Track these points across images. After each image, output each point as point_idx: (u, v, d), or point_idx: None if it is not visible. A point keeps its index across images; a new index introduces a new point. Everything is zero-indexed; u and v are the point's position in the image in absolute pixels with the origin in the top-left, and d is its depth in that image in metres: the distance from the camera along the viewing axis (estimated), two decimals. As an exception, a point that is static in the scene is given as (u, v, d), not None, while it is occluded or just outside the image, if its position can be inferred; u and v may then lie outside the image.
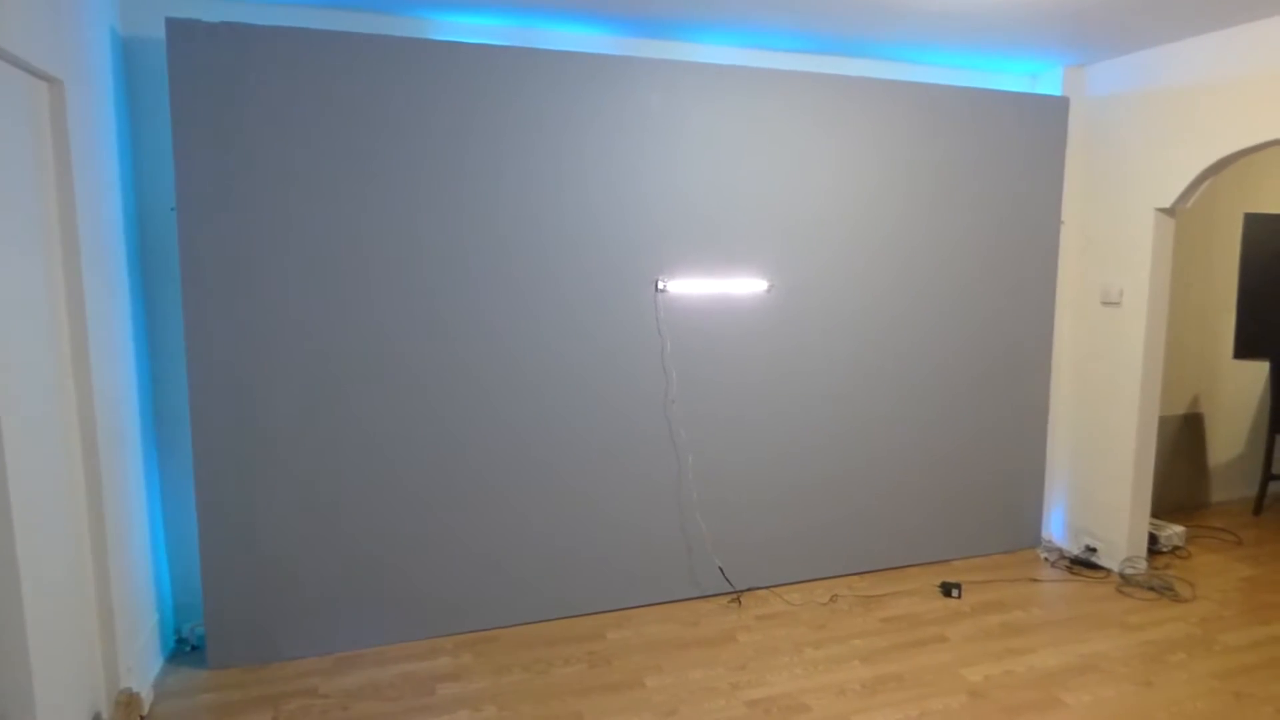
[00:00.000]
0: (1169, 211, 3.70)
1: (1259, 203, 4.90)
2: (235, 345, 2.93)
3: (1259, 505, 4.88)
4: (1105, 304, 3.96)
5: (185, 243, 2.84)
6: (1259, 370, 5.11)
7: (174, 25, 2.72)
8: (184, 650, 3.16)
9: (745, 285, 3.54)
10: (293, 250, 2.96)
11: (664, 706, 2.83)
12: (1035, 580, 3.89)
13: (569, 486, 3.41)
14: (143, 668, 2.84)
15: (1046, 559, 4.13)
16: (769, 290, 3.59)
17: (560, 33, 3.40)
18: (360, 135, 2.98)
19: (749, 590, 3.73)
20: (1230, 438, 5.08)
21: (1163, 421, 4.70)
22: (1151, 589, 3.76)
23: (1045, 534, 4.33)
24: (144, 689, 2.77)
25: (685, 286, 3.44)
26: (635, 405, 3.46)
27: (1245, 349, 4.99)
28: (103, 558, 2.54)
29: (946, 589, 3.72)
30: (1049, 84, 4.07)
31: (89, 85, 2.51)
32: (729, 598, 3.66)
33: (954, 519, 4.09)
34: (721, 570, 3.66)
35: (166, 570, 3.17)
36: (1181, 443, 4.92)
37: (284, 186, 2.91)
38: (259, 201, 2.89)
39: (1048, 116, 3.96)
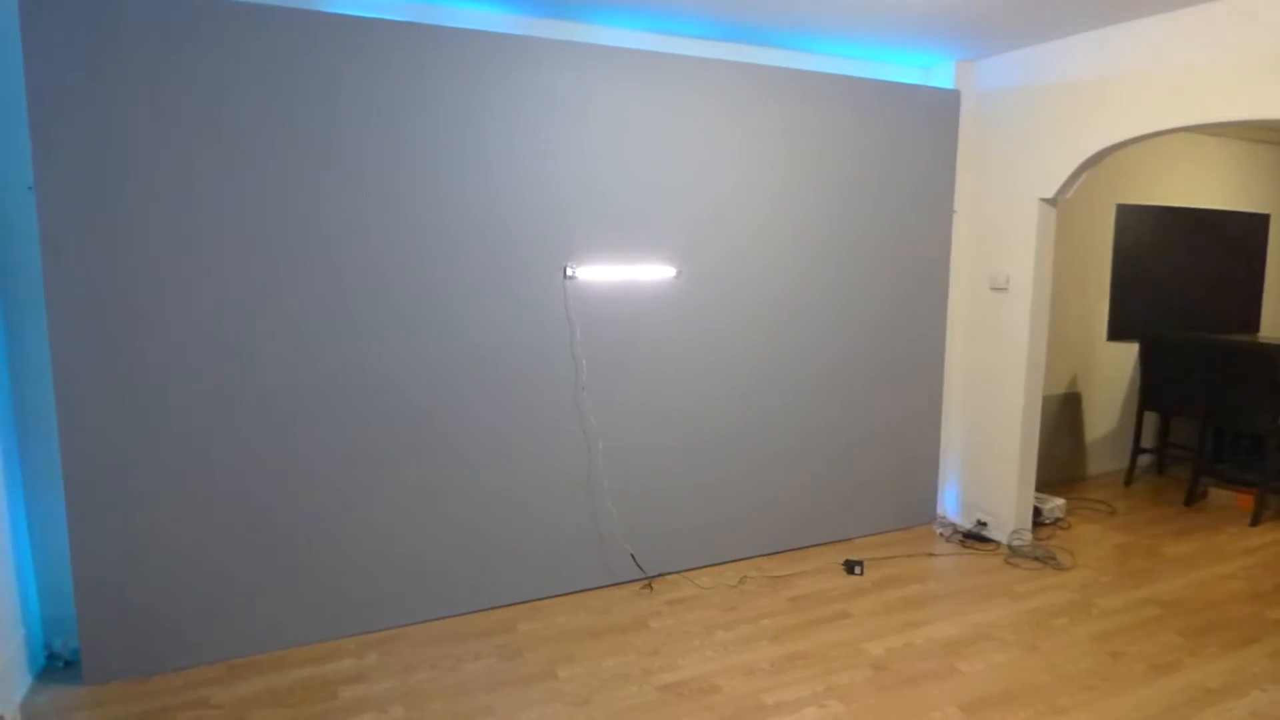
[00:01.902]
0: (1051, 201, 3.91)
1: (1130, 194, 5.25)
2: (106, 334, 2.71)
3: (1129, 477, 5.25)
4: (994, 289, 4.15)
5: (47, 226, 2.60)
6: (1129, 351, 5.49)
7: (28, -16, 2.48)
8: (56, 666, 2.92)
9: (654, 272, 3.53)
10: (169, 233, 2.75)
11: (577, 696, 2.81)
12: (931, 555, 4.06)
13: (477, 476, 3.33)
14: (7, 688, 2.61)
15: (941, 534, 4.32)
16: (677, 277, 3.59)
17: (461, 10, 3.28)
18: (249, 110, 2.79)
19: (660, 575, 3.74)
20: (1104, 414, 5.45)
21: (1045, 400, 4.99)
22: (1036, 559, 3.98)
23: (940, 510, 4.53)
24: (9, 710, 2.55)
25: (594, 273, 3.40)
26: (545, 393, 3.40)
27: (1117, 331, 5.36)
28: (-43, 571, 2.31)
29: (849, 566, 3.84)
30: (942, 77, 4.22)
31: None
32: (641, 584, 3.67)
33: (856, 498, 4.22)
34: (633, 557, 3.66)
35: (33, 579, 2.92)
36: (1062, 420, 5.24)
37: (161, 165, 2.70)
38: (133, 181, 2.67)
39: (941, 108, 4.10)
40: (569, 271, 3.36)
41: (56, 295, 2.64)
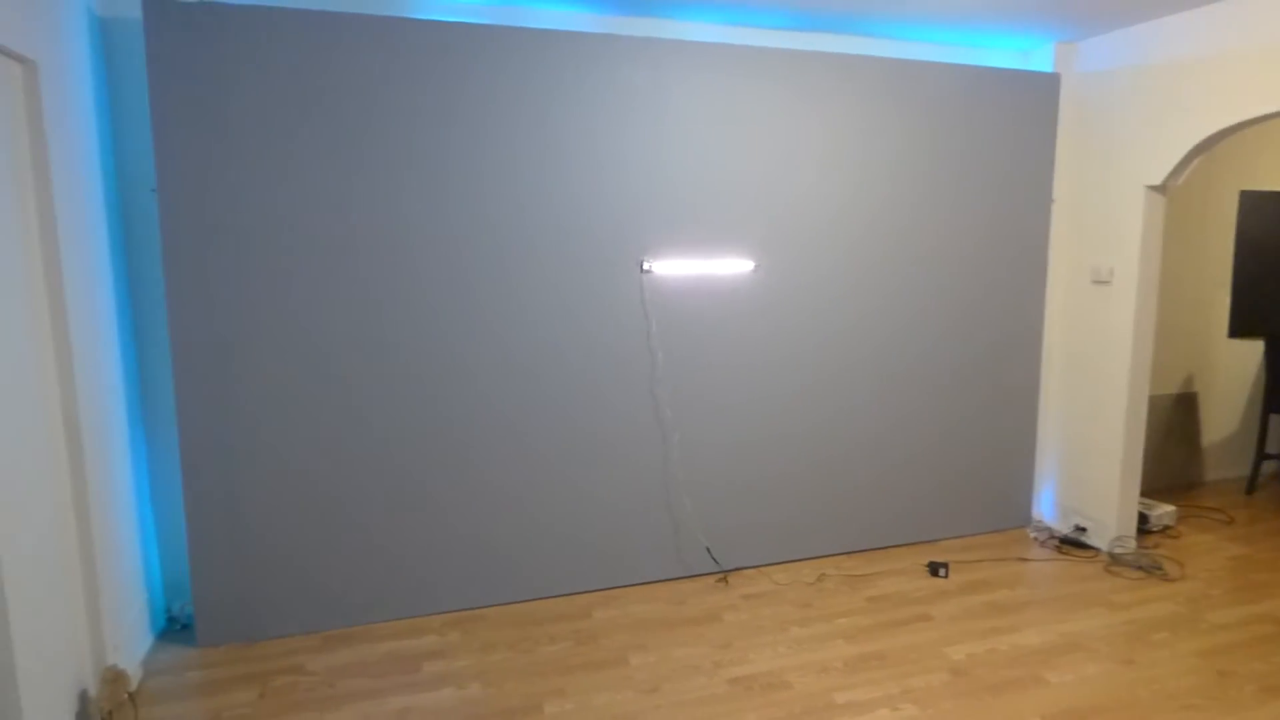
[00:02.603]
0: (1160, 189, 3.67)
1: (1255, 179, 4.85)
2: (219, 325, 2.94)
3: (1251, 484, 4.86)
4: (1095, 283, 3.93)
5: (166, 225, 2.84)
6: (1253, 349, 5.08)
7: (151, 5, 2.71)
8: (174, 628, 3.20)
9: (731, 265, 3.53)
10: (276, 232, 2.95)
11: (646, 684, 2.85)
12: (1023, 559, 3.89)
13: (556, 466, 3.42)
14: (131, 645, 2.88)
15: (1036, 538, 4.13)
16: (755, 270, 3.57)
17: (543, 10, 3.37)
18: (342, 116, 2.96)
19: (736, 570, 3.74)
20: (1224, 417, 5.06)
21: (1155, 401, 4.69)
22: (1140, 568, 3.76)
23: (1035, 513, 4.33)
24: (132, 666, 2.80)
25: (670, 267, 3.43)
26: (621, 386, 3.46)
27: (1240, 327, 4.97)
28: (87, 537, 2.57)
29: (934, 568, 3.73)
30: (1040, 60, 4.02)
31: (64, 66, 2.50)
32: (716, 577, 3.68)
33: (944, 498, 4.09)
34: (709, 550, 3.68)
35: (156, 549, 3.20)
36: (1174, 422, 4.90)
37: (266, 168, 2.91)
38: (241, 183, 2.89)
39: (1039, 93, 3.91)
40: (645, 265, 3.40)
41: (175, 289, 2.88)
